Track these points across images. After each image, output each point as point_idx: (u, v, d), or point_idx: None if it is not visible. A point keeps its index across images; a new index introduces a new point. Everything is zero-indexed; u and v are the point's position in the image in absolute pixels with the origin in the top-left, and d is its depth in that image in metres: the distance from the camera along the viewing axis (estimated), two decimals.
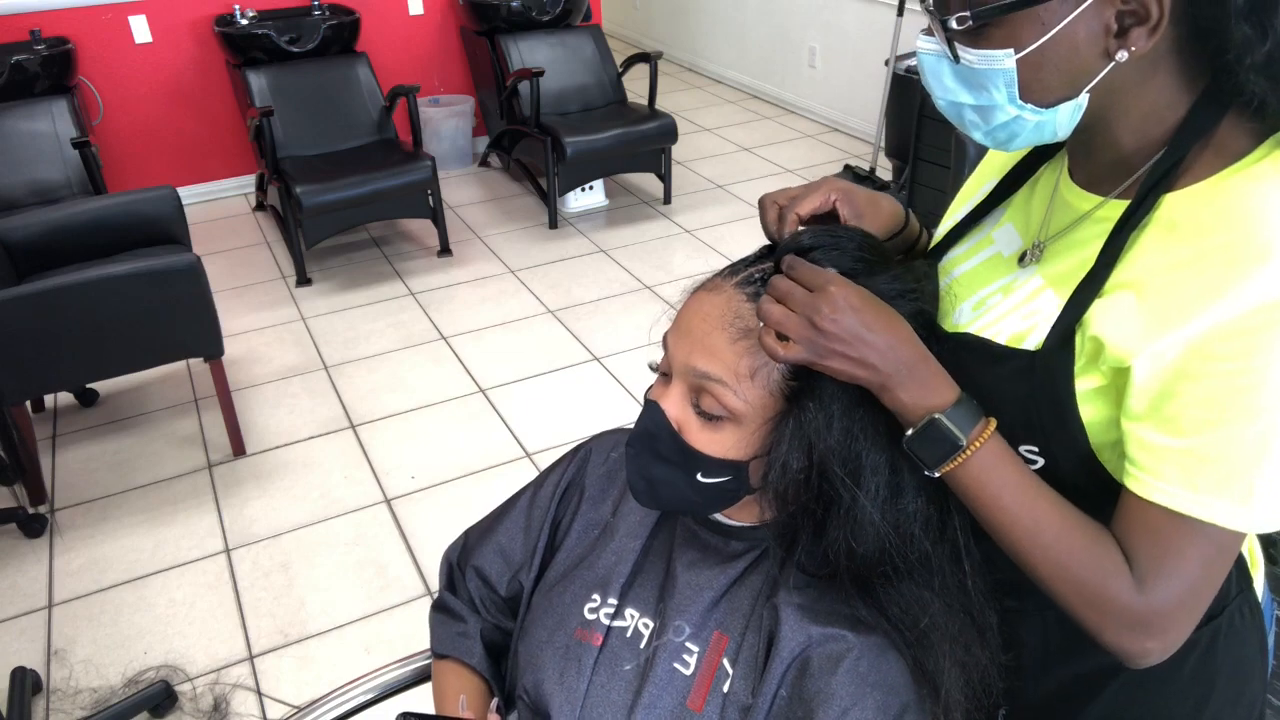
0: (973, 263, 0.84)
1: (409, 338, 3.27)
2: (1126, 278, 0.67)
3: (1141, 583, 0.66)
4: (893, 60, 3.86)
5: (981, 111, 0.70)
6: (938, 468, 0.71)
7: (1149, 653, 0.68)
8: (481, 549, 1.00)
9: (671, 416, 0.78)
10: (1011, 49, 0.65)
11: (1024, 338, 0.74)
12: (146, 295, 2.34)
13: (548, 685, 0.83)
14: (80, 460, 2.68)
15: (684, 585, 0.83)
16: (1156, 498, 0.65)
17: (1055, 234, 0.77)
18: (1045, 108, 0.67)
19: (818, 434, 0.73)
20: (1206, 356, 0.62)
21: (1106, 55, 0.65)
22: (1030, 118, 0.68)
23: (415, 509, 2.46)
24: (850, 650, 0.74)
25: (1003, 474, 0.70)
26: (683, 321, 0.80)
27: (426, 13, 4.53)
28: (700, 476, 0.77)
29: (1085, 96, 0.67)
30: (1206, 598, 0.68)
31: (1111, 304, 0.67)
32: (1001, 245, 0.82)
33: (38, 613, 2.17)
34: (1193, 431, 0.63)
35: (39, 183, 3.24)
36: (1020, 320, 0.75)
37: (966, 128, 0.73)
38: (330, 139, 3.83)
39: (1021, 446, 0.74)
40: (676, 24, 6.50)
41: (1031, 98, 0.67)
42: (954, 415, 0.69)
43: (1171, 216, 0.67)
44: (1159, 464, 0.65)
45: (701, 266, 0.90)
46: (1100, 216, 0.73)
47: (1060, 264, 0.75)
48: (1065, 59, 0.65)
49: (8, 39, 3.62)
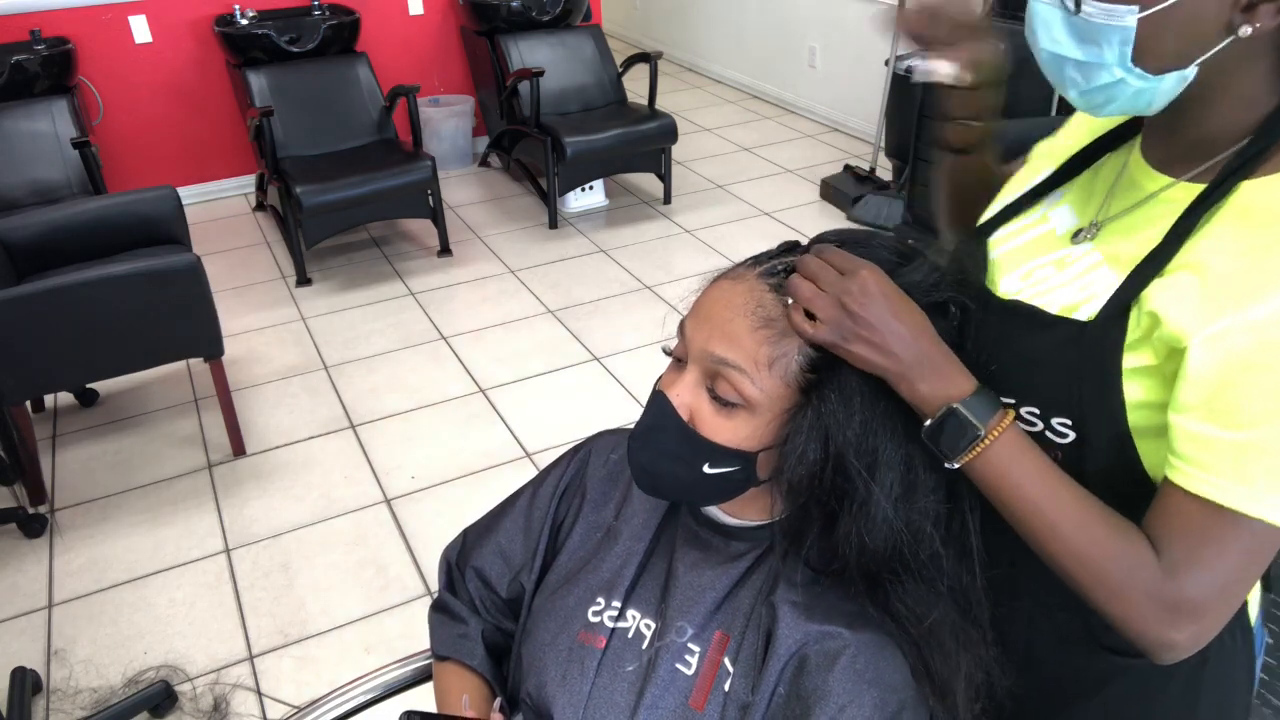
0: (1023, 238, 0.84)
1: (409, 338, 3.27)
2: (1191, 259, 0.67)
3: (1171, 571, 0.65)
4: (893, 60, 3.86)
5: (1084, 69, 0.68)
6: (957, 457, 0.70)
7: (1175, 644, 0.66)
8: (481, 549, 1.00)
9: (684, 402, 0.78)
10: (1137, 6, 0.63)
11: (1076, 309, 0.74)
12: (146, 295, 2.34)
13: (551, 688, 0.83)
14: (80, 460, 2.68)
15: (686, 586, 0.83)
16: (1206, 491, 0.64)
17: (1116, 214, 0.77)
18: (1153, 74, 0.66)
19: (836, 426, 0.73)
20: (1269, 347, 0.61)
21: (1228, 29, 0.64)
22: (1134, 83, 0.67)
23: (415, 509, 2.46)
24: (847, 647, 0.74)
25: (1023, 463, 0.70)
26: (703, 307, 0.79)
27: (426, 13, 4.53)
28: (707, 467, 0.77)
29: (1194, 70, 0.66)
30: (1240, 595, 0.67)
31: (1172, 283, 0.67)
32: (1055, 223, 0.83)
33: (38, 613, 2.17)
34: (1250, 424, 0.62)
35: (39, 183, 3.24)
36: (1075, 292, 0.75)
37: (1065, 84, 0.71)
38: (330, 139, 3.83)
39: (1055, 418, 0.74)
40: (676, 24, 6.50)
41: (1142, 62, 0.66)
42: (972, 405, 0.70)
43: (1246, 203, 0.67)
44: (1210, 457, 0.64)
45: (701, 266, 0.90)
46: (1168, 198, 0.73)
47: (1120, 242, 0.75)
48: (1187, 25, 0.64)
49: (8, 39, 3.62)
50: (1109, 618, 0.68)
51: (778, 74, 5.55)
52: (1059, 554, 0.69)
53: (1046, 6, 0.69)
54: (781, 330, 0.75)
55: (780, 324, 0.75)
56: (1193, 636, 0.67)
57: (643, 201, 4.33)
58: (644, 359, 3.08)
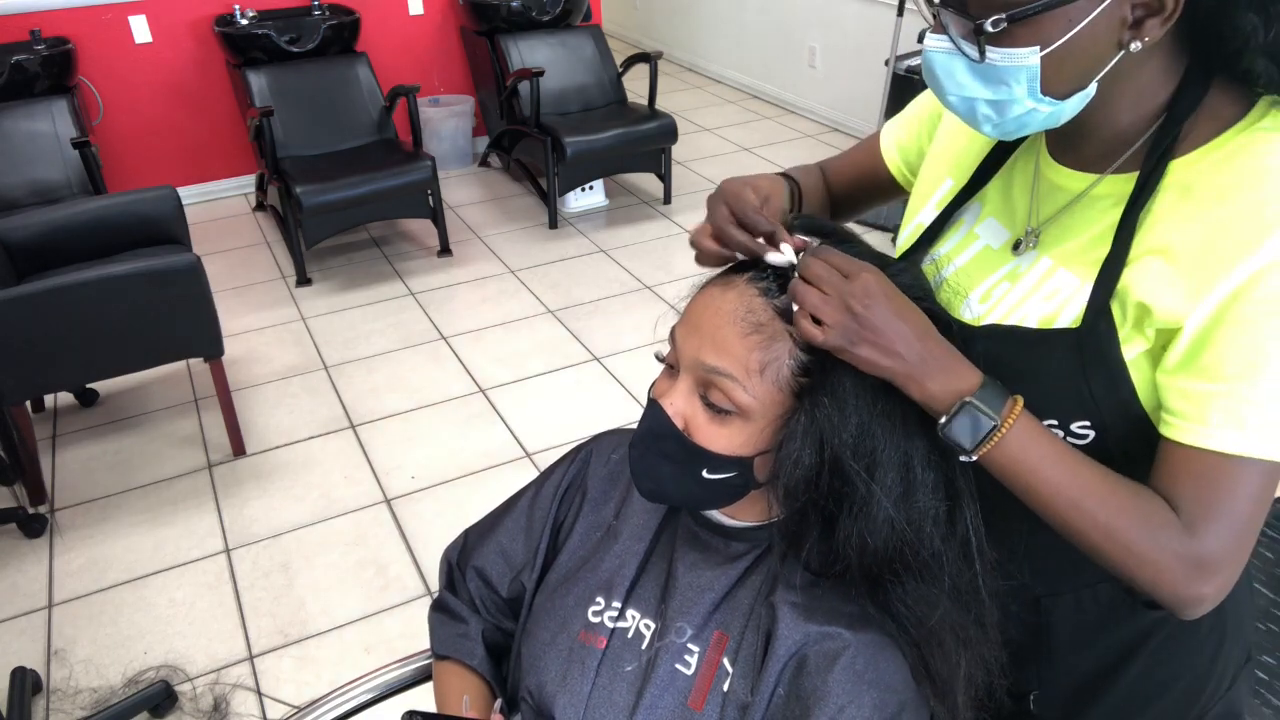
0: (963, 258, 0.85)
1: (409, 338, 3.27)
2: (1152, 244, 0.70)
3: (1191, 528, 0.67)
4: (893, 60, 3.86)
5: (997, 106, 0.71)
6: (975, 450, 0.71)
7: (1203, 599, 0.69)
8: (482, 549, 1.00)
9: (678, 411, 0.78)
10: (1037, 46, 0.66)
11: (1055, 318, 0.75)
12: (146, 295, 2.34)
13: (551, 687, 0.83)
14: (80, 460, 2.68)
15: (685, 586, 0.83)
16: (1205, 442, 0.67)
17: (1049, 217, 0.79)
18: (1060, 99, 0.69)
19: (830, 429, 0.72)
20: (1244, 302, 0.65)
21: (1119, 45, 0.67)
22: (1044, 109, 0.70)
23: (415, 509, 2.46)
24: (846, 648, 0.74)
25: (1039, 447, 0.71)
26: (692, 316, 0.79)
27: (426, 13, 4.53)
28: (705, 473, 0.77)
29: (1094, 86, 0.69)
30: (1254, 536, 0.69)
31: (1144, 270, 0.70)
32: (988, 238, 0.84)
33: (38, 613, 2.17)
34: (1236, 376, 0.65)
35: (39, 183, 3.24)
36: (1043, 302, 0.76)
37: (978, 122, 0.74)
38: (330, 139, 3.83)
39: (1074, 423, 0.75)
40: (676, 24, 6.50)
41: (1050, 90, 0.69)
42: (984, 396, 0.70)
43: (1183, 181, 0.70)
44: (1202, 410, 0.67)
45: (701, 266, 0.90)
46: (1099, 193, 0.75)
47: (1067, 243, 0.76)
48: (1084, 51, 0.67)
49: (8, 39, 3.62)
50: (1139, 583, 0.70)
51: (778, 74, 5.55)
52: (1085, 529, 0.70)
53: (944, 55, 0.71)
54: (771, 335, 0.74)
55: (770, 329, 0.74)
56: (1219, 587, 0.68)
57: (643, 201, 4.33)
58: (644, 359, 3.08)
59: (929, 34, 0.72)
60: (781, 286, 0.75)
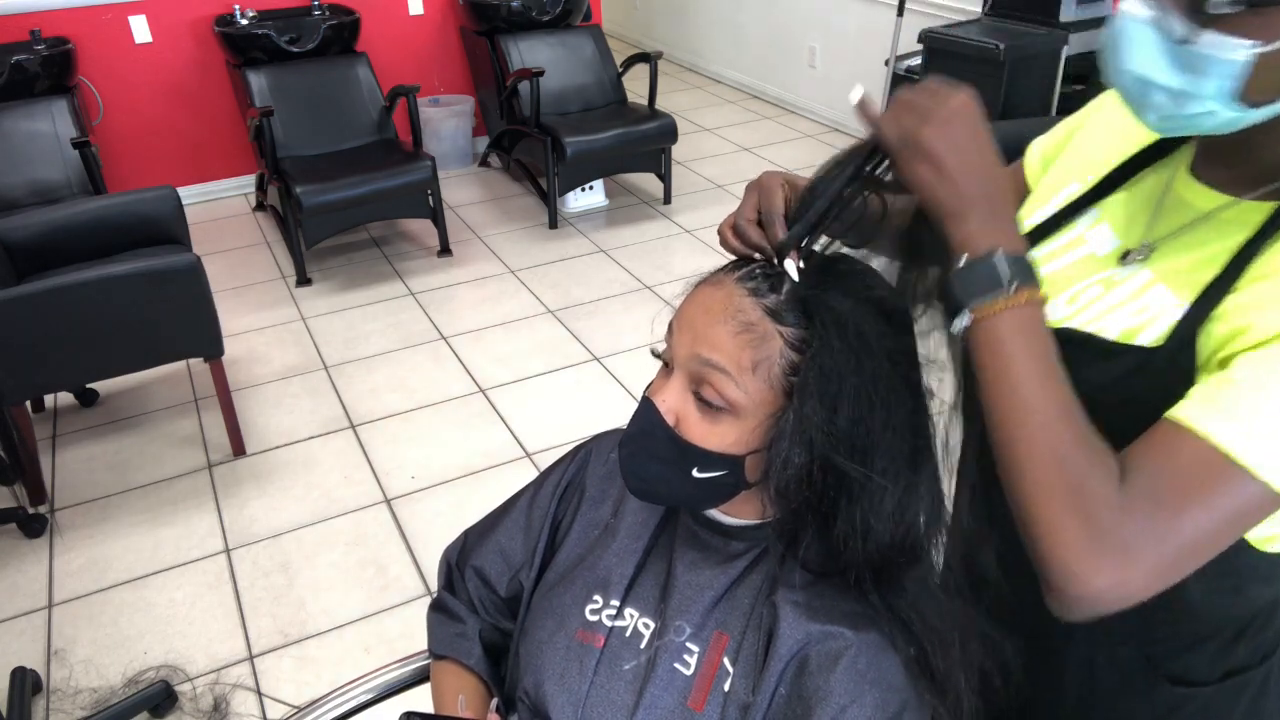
0: (1062, 261, 0.81)
1: (409, 338, 3.27)
2: (1263, 271, 0.65)
3: (1125, 497, 0.60)
4: (893, 60, 3.85)
5: (1177, 97, 0.64)
6: (972, 305, 0.64)
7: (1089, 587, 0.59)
8: (481, 549, 1.00)
9: (671, 407, 0.77)
10: (1261, 41, 0.59)
11: (1137, 333, 0.70)
12: (146, 295, 2.34)
13: (548, 686, 0.83)
14: (80, 460, 2.68)
15: (684, 585, 0.83)
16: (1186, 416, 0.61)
17: (1167, 233, 0.73)
18: (1251, 107, 0.63)
19: (819, 429, 0.72)
20: None
21: None
22: (1227, 114, 0.63)
23: (415, 509, 2.46)
24: (849, 648, 0.74)
25: (1029, 341, 0.64)
26: (685, 314, 0.79)
27: (426, 13, 4.53)
28: (696, 471, 0.77)
29: None
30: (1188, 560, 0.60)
31: (1248, 296, 0.64)
32: (1094, 245, 0.79)
33: (38, 613, 2.17)
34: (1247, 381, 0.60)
35: (39, 183, 3.24)
36: (1131, 315, 0.71)
37: (1145, 108, 0.67)
38: (330, 139, 3.82)
39: None
40: (676, 24, 6.50)
41: (1245, 95, 0.62)
42: (1018, 262, 0.64)
43: None
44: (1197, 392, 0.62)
45: (701, 266, 0.90)
46: (1230, 217, 0.70)
47: (1176, 260, 0.71)
48: None
49: (8, 39, 3.62)
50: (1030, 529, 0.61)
51: (778, 74, 5.55)
52: (1015, 440, 0.63)
53: (1142, 26, 0.64)
54: (762, 335, 0.74)
55: (760, 328, 0.74)
56: (1113, 585, 0.59)
57: (643, 201, 4.33)
58: (644, 359, 3.07)
59: None
60: (772, 286, 0.75)
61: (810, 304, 0.73)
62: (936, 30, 3.46)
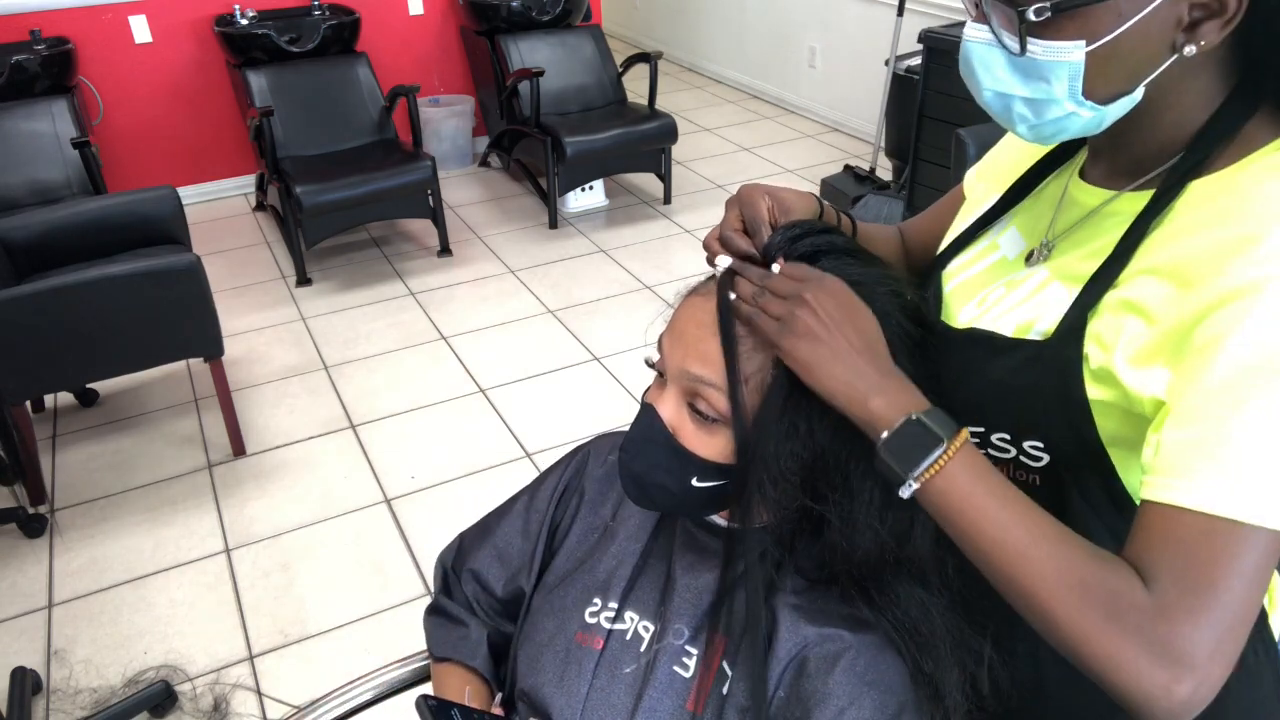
0: (976, 268, 0.84)
1: (409, 338, 3.27)
2: (1147, 264, 0.66)
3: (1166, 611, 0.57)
4: (893, 60, 3.85)
5: (1034, 105, 0.67)
6: (915, 474, 0.64)
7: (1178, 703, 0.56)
8: (478, 552, 0.99)
9: (666, 419, 0.78)
10: (1084, 40, 0.62)
11: (1030, 327, 0.73)
12: (146, 295, 2.34)
13: (548, 689, 0.83)
14: (80, 460, 2.68)
15: (683, 588, 0.83)
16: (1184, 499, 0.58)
17: (1063, 231, 0.77)
18: (1102, 103, 0.66)
19: (808, 439, 0.72)
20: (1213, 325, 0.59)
21: (1172, 49, 0.63)
22: (1085, 113, 0.66)
23: (415, 509, 2.46)
24: (847, 649, 0.74)
25: (987, 481, 0.64)
26: (676, 325, 0.79)
27: (426, 13, 4.53)
28: (695, 480, 0.77)
29: (1141, 91, 0.65)
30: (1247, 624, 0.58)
31: (1133, 288, 0.66)
32: (1006, 249, 0.82)
33: (38, 613, 2.17)
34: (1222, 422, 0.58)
35: (39, 183, 3.24)
36: (1027, 312, 0.74)
37: (1013, 121, 0.70)
38: (330, 139, 3.83)
39: (1027, 441, 0.73)
40: (676, 24, 6.50)
41: (1092, 93, 0.65)
42: (932, 414, 0.65)
43: (1190, 204, 0.66)
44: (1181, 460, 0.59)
45: (701, 266, 0.90)
46: (1112, 210, 0.73)
47: (1068, 257, 0.74)
48: (1133, 52, 0.63)
49: (8, 39, 3.62)
50: (1092, 670, 0.59)
51: (778, 74, 5.55)
52: (1031, 588, 0.61)
53: (983, 47, 0.67)
54: (753, 345, 0.74)
55: (750, 340, 0.74)
56: (1197, 692, 0.57)
57: (643, 201, 4.33)
58: (643, 359, 3.07)
59: (969, 24, 0.69)
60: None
61: None
62: (936, 30, 3.46)
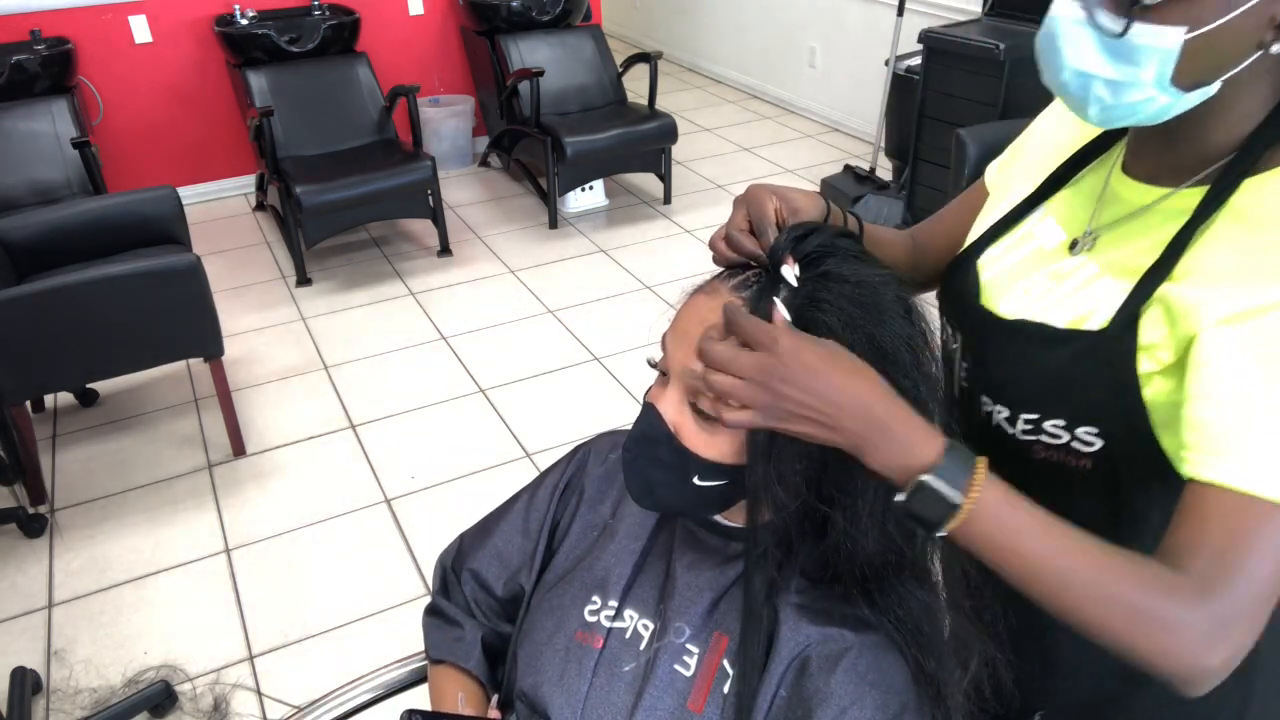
0: (1013, 257, 0.85)
1: (409, 338, 3.27)
2: (1198, 262, 0.68)
3: (1206, 585, 0.60)
4: (893, 60, 3.85)
5: (1115, 87, 0.67)
6: (941, 528, 0.65)
7: (1210, 671, 0.60)
8: (477, 552, 0.99)
9: (669, 418, 0.77)
10: (1186, 26, 0.63)
11: (1085, 320, 0.74)
12: (146, 295, 2.34)
13: (547, 688, 0.83)
14: (80, 460, 2.68)
15: (684, 586, 0.83)
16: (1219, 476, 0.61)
17: (1108, 224, 0.78)
18: (1184, 90, 0.66)
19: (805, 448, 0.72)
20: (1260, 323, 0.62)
21: (1258, 45, 0.64)
22: (1163, 99, 0.66)
23: (415, 509, 2.46)
24: (849, 649, 0.74)
25: (1016, 518, 0.64)
26: (680, 324, 0.79)
27: (426, 13, 4.53)
28: (697, 480, 0.77)
29: (1219, 84, 0.66)
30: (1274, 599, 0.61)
31: (1185, 286, 0.67)
32: (1042, 239, 0.83)
33: (38, 613, 2.17)
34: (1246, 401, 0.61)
35: (39, 183, 3.24)
36: (1079, 304, 0.75)
37: (1087, 101, 0.69)
38: (330, 139, 3.82)
39: (1081, 428, 0.74)
40: (676, 24, 6.50)
41: (1178, 80, 0.65)
42: (943, 471, 0.63)
43: (1246, 201, 0.68)
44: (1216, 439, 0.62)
45: (701, 266, 0.90)
46: (1164, 208, 0.74)
47: (1117, 251, 0.75)
48: (1225, 45, 0.64)
49: (8, 39, 3.62)
50: (1147, 656, 0.61)
51: (778, 74, 5.55)
52: (1078, 602, 0.63)
53: (1073, 24, 0.68)
54: None
55: None
56: (1228, 657, 0.61)
57: (643, 201, 4.33)
58: (644, 359, 3.07)
59: (1059, 1, 0.69)
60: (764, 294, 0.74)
61: (805, 312, 0.71)
62: (936, 30, 3.46)
